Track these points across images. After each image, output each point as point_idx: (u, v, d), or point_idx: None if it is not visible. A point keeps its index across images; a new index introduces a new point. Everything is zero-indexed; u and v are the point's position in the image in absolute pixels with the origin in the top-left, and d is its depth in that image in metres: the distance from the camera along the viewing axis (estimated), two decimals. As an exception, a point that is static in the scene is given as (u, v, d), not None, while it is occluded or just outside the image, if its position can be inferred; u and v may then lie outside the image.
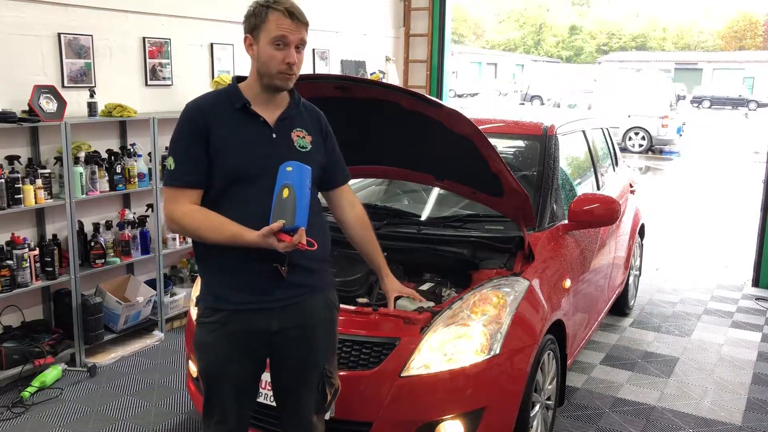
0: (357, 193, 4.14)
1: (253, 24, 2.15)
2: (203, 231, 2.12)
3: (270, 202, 2.07)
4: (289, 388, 2.34)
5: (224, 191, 2.16)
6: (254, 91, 2.21)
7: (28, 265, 3.91)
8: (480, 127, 2.78)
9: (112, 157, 4.46)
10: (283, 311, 2.20)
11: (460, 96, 33.59)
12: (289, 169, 2.05)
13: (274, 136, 2.20)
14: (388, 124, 3.04)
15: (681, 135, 17.95)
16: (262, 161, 2.15)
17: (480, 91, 35.69)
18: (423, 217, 3.60)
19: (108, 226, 4.49)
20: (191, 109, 2.19)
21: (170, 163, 2.16)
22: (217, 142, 2.13)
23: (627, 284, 5.04)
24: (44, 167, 4.09)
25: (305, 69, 2.31)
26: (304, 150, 2.24)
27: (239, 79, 2.27)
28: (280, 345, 2.24)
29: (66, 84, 4.33)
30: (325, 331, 2.32)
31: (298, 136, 2.26)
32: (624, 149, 16.69)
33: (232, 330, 2.18)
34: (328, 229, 2.37)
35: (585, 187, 4.28)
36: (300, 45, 2.18)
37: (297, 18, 2.15)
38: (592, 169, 4.50)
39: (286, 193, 2.02)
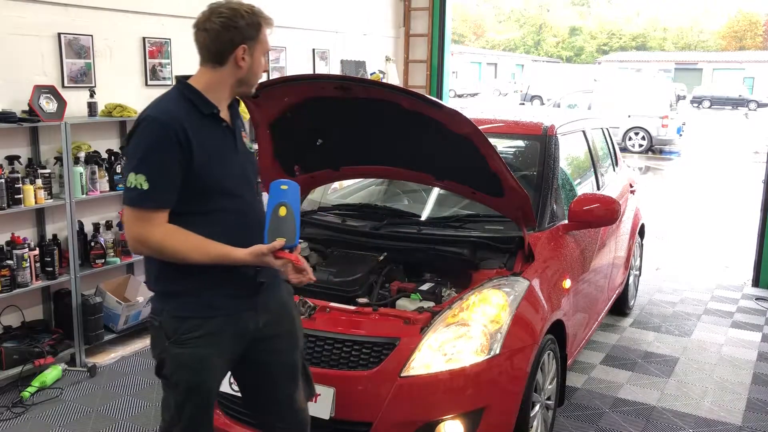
0: (357, 193, 4.18)
1: (249, 35, 2.11)
2: (186, 252, 2.03)
3: (244, 215, 2.13)
4: (277, 384, 2.36)
5: (197, 206, 2.09)
6: (219, 96, 2.14)
7: (28, 265, 3.91)
8: (480, 127, 2.78)
9: (112, 157, 4.46)
10: (266, 306, 2.26)
11: (460, 96, 33.59)
12: (284, 187, 2.07)
13: (236, 140, 2.19)
14: (388, 124, 3.04)
15: (681, 135, 17.94)
16: (233, 171, 2.14)
17: (480, 91, 35.70)
18: (423, 217, 3.60)
19: (108, 226, 4.49)
20: (166, 120, 2.02)
21: (141, 182, 1.98)
22: (197, 156, 2.04)
23: (627, 284, 5.04)
24: (44, 167, 4.09)
25: (305, 69, 2.32)
26: (252, 151, 2.28)
27: (185, 78, 2.17)
28: (267, 339, 2.28)
29: (66, 84, 4.33)
30: (296, 315, 2.44)
31: (244, 137, 2.26)
32: (624, 149, 16.67)
33: (224, 337, 2.16)
34: None
35: (585, 187, 4.28)
36: None
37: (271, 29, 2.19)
38: (592, 169, 4.50)
39: (283, 211, 2.05)
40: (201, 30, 2.11)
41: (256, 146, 2.27)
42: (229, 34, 2.09)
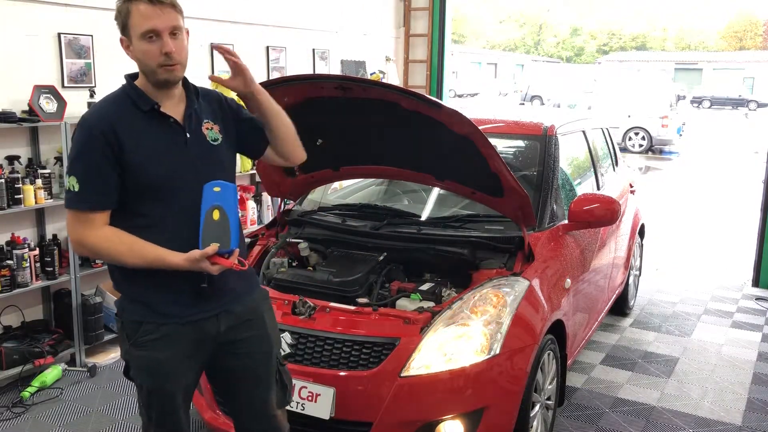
0: (357, 193, 4.18)
1: (122, 24, 2.01)
2: (122, 256, 2.00)
3: (191, 217, 2.01)
4: (249, 388, 2.30)
5: (137, 208, 2.04)
6: (150, 91, 2.06)
7: (28, 265, 3.91)
8: (480, 127, 2.78)
9: (112, 157, 4.45)
10: (228, 311, 2.19)
11: (460, 96, 33.56)
12: (216, 189, 1.99)
13: (188, 136, 2.09)
14: (388, 124, 3.05)
15: (681, 135, 17.94)
16: (181, 169, 2.05)
17: (480, 91, 35.67)
18: (423, 217, 3.60)
19: (108, 226, 4.49)
20: (94, 121, 2.00)
21: (73, 183, 1.98)
22: (132, 155, 1.98)
23: (627, 284, 5.04)
24: (44, 167, 4.09)
25: (305, 68, 2.30)
26: (216, 143, 2.15)
27: (132, 77, 2.11)
28: (232, 343, 2.21)
29: (66, 84, 4.33)
30: (270, 319, 2.33)
31: (207, 128, 2.15)
32: (624, 149, 16.68)
33: (182, 341, 2.11)
34: (242, 231, 2.31)
35: (585, 187, 4.28)
36: (175, 31, 2.01)
37: (159, 2, 1.97)
38: (592, 169, 4.50)
39: (216, 214, 1.97)
40: None
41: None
42: (120, 31, 2.05)
